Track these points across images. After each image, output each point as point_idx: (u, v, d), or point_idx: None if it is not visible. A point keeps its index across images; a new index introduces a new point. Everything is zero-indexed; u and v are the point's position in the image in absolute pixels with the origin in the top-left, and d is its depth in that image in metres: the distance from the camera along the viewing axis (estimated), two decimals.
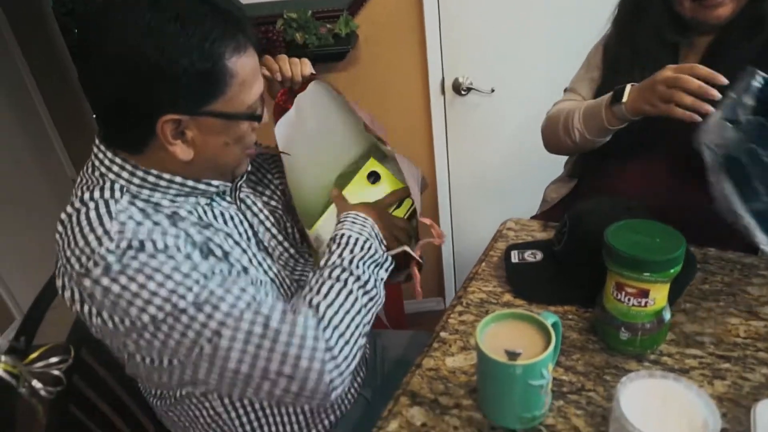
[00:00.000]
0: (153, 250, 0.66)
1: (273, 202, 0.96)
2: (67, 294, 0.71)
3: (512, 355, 0.61)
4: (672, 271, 0.68)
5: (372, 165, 0.97)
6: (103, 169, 0.74)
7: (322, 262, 0.80)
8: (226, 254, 0.76)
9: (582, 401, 0.70)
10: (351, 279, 0.77)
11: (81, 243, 0.67)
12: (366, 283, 0.78)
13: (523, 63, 1.79)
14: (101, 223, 0.67)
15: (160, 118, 0.67)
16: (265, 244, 0.89)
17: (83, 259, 0.66)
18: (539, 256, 0.94)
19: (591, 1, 1.10)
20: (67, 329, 0.94)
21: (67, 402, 0.89)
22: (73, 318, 0.96)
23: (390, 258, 0.85)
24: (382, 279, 0.82)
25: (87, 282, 0.67)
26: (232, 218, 0.83)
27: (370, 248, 0.82)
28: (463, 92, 1.82)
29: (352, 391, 0.98)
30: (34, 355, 0.80)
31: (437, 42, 1.75)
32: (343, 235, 0.82)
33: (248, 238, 0.84)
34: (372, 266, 0.81)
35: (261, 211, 0.91)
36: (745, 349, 0.74)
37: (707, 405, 0.55)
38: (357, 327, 0.75)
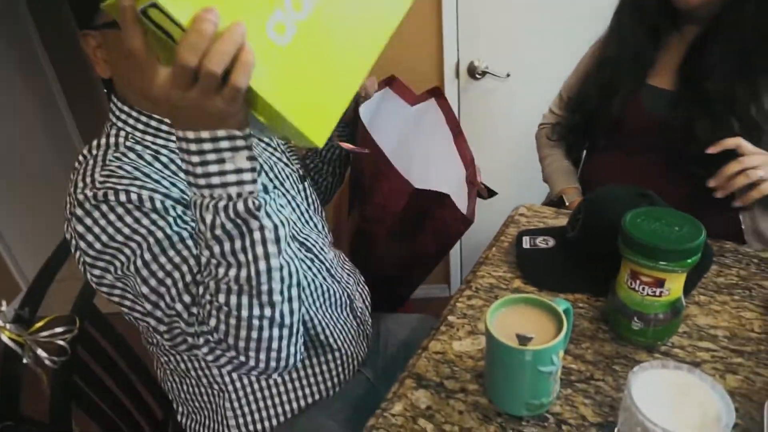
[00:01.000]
0: (125, 201, 0.68)
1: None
2: (68, 236, 0.74)
3: (523, 340, 0.60)
4: (689, 261, 0.66)
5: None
6: (113, 118, 0.78)
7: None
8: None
9: (590, 390, 0.69)
10: (232, 298, 0.64)
11: (71, 189, 0.71)
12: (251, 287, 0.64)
13: (539, 48, 1.75)
14: (92, 173, 0.71)
15: (79, 33, 0.72)
16: (276, 173, 0.90)
17: (69, 205, 0.70)
18: (551, 242, 0.92)
19: None
20: (71, 303, 0.94)
21: (71, 372, 0.89)
22: (78, 290, 0.97)
23: (256, 199, 0.60)
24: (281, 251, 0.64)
25: (69, 227, 0.71)
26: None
27: (226, 224, 0.60)
28: (478, 76, 1.79)
29: (350, 368, 0.96)
30: (39, 325, 0.81)
31: (454, 24, 1.72)
32: (200, 203, 0.61)
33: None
34: (247, 247, 0.62)
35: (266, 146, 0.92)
36: (759, 344, 0.73)
37: (722, 398, 0.54)
38: (260, 338, 0.67)
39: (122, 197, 0.68)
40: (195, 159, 0.57)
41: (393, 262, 1.23)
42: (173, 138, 0.78)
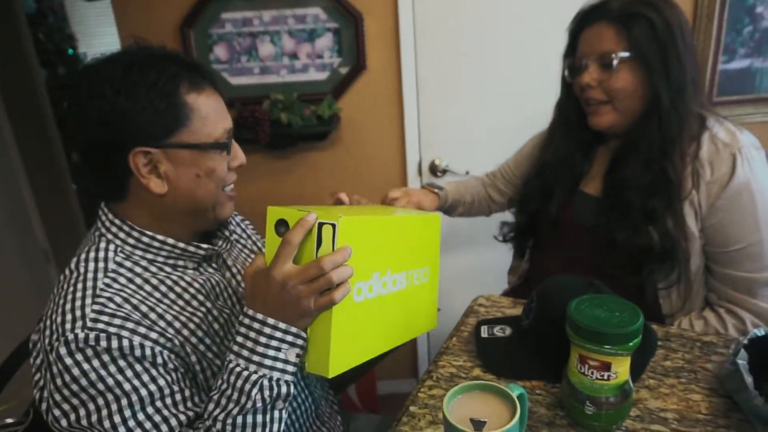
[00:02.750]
0: (115, 348, 0.69)
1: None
2: (34, 353, 0.75)
3: (478, 424, 0.61)
4: (631, 344, 0.71)
5: (276, 213, 0.72)
6: (103, 230, 0.81)
7: (206, 406, 0.73)
8: (195, 348, 0.78)
9: None
10: None
11: (59, 319, 0.71)
12: None
13: (495, 147, 1.88)
14: (83, 305, 0.71)
15: (130, 152, 0.74)
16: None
17: (53, 337, 0.70)
18: (508, 331, 0.96)
19: (553, 91, 1.21)
20: None
21: None
22: None
23: (289, 386, 0.72)
24: (280, 410, 0.73)
25: (47, 359, 0.70)
26: (215, 287, 0.86)
27: (254, 396, 0.69)
28: (439, 174, 1.90)
29: None
30: None
31: (415, 126, 1.86)
32: (229, 366, 0.71)
33: (232, 305, 0.87)
34: (262, 412, 0.71)
35: (241, 270, 0.94)
36: (706, 426, 0.76)
37: None
38: None
39: (113, 344, 0.69)
40: (262, 339, 0.70)
41: None
42: (163, 252, 0.81)
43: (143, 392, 0.70)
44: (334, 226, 0.69)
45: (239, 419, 0.70)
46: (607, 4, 1.05)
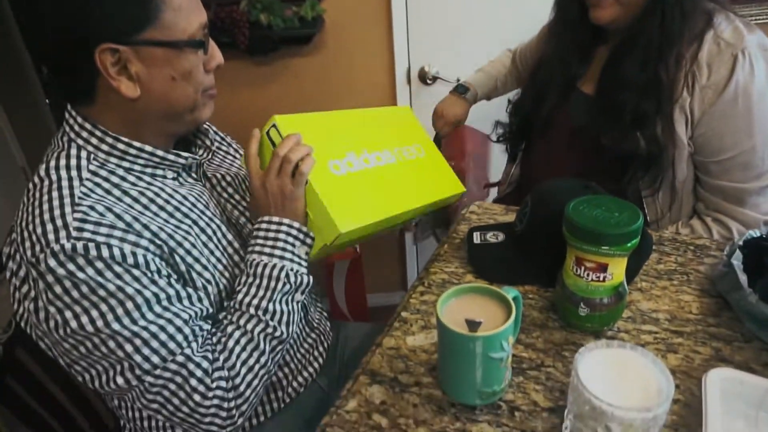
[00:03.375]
0: (107, 257, 0.66)
1: (239, 179, 0.93)
2: (12, 265, 0.71)
3: (473, 325, 0.60)
4: (629, 245, 0.69)
5: (271, 121, 0.85)
6: (72, 134, 0.74)
7: (235, 297, 0.78)
8: (183, 259, 0.75)
9: (541, 377, 0.70)
10: (258, 328, 0.76)
11: (39, 230, 0.66)
12: (275, 328, 0.77)
13: (488, 53, 1.79)
14: (62, 214, 0.66)
15: (96, 48, 0.66)
16: (234, 221, 0.87)
17: (36, 248, 0.65)
18: (501, 237, 0.94)
19: None
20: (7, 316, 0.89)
21: (4, 373, 0.84)
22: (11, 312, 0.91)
23: (308, 277, 0.82)
24: (297, 302, 0.81)
25: (34, 271, 0.66)
26: (199, 198, 0.82)
27: (279, 279, 0.78)
28: (429, 81, 1.82)
29: (305, 374, 0.96)
30: None
31: (404, 30, 1.74)
32: (254, 263, 0.79)
33: (219, 217, 0.84)
34: (283, 298, 0.79)
35: (228, 186, 0.90)
36: (697, 325, 0.76)
37: (662, 371, 0.56)
38: (257, 377, 0.77)
39: (104, 252, 0.65)
40: (281, 236, 0.80)
41: None
42: (140, 161, 0.76)
43: (147, 293, 0.68)
44: (275, 125, 0.83)
45: (270, 306, 0.77)
46: None
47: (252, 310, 0.76)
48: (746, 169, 0.99)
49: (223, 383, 0.73)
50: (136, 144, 0.75)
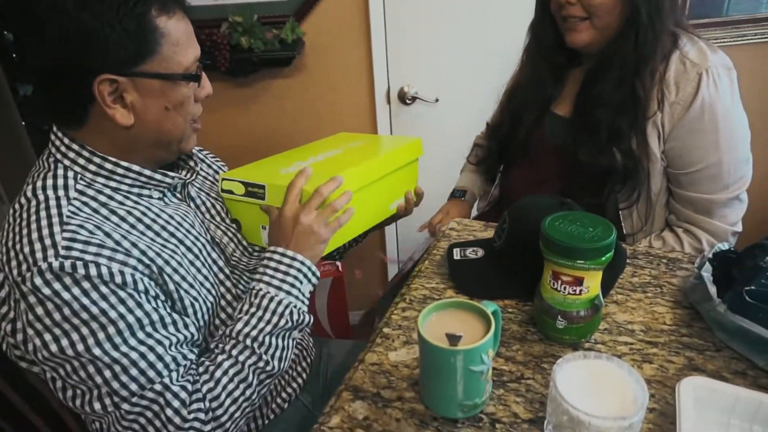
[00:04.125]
0: (95, 276, 0.66)
1: (221, 198, 0.95)
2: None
3: (453, 339, 0.61)
4: (603, 258, 0.71)
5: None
6: (58, 155, 0.75)
7: (232, 326, 0.77)
8: (170, 277, 0.75)
9: (521, 389, 0.71)
10: (251, 361, 0.76)
11: (26, 249, 0.66)
12: (268, 362, 0.77)
13: (465, 73, 1.84)
14: (51, 233, 0.67)
15: (95, 78, 0.68)
16: (217, 240, 0.88)
17: (23, 267, 0.65)
18: (480, 253, 0.95)
19: (527, 13, 1.17)
20: None
21: None
22: None
23: (309, 317, 0.82)
24: (293, 339, 0.82)
25: (17, 291, 0.66)
26: (185, 218, 0.83)
27: (283, 315, 0.78)
28: (408, 101, 1.85)
29: (288, 390, 0.96)
30: None
31: (383, 51, 1.78)
32: (260, 293, 0.79)
33: (204, 236, 0.85)
34: (282, 334, 0.79)
35: (211, 207, 0.91)
36: (670, 335, 0.78)
37: (637, 381, 0.57)
38: (240, 409, 0.76)
39: (92, 271, 0.65)
40: (291, 272, 0.81)
41: None
42: (127, 180, 0.76)
43: (130, 318, 0.67)
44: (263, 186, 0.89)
45: (267, 339, 0.76)
46: None
47: (248, 342, 0.76)
48: (714, 181, 1.04)
49: (201, 415, 0.72)
50: (124, 163, 0.76)
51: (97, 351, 0.65)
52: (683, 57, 1.02)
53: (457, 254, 0.96)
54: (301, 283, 0.81)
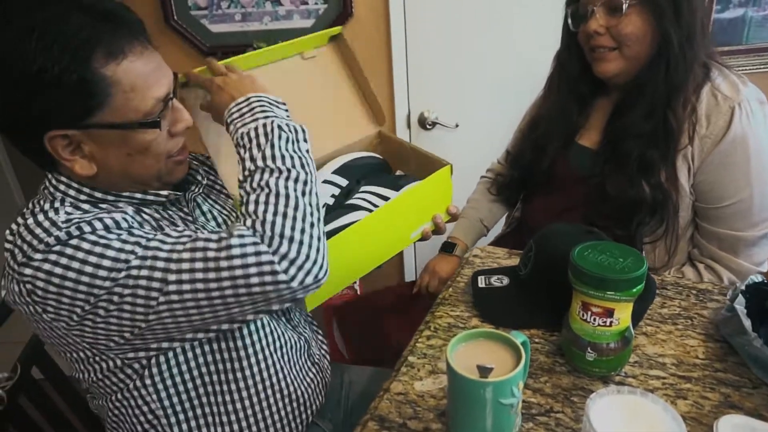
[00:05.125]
0: (98, 226, 0.66)
1: (234, 214, 0.94)
2: (9, 297, 0.70)
3: (484, 371, 0.60)
4: (635, 290, 0.70)
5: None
6: (51, 189, 0.74)
7: (239, 176, 0.74)
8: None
9: (551, 423, 0.70)
10: (272, 179, 0.70)
11: (28, 237, 0.66)
12: (290, 171, 0.71)
13: (486, 99, 1.85)
14: (47, 217, 0.67)
15: (44, 135, 0.66)
16: None
17: (29, 249, 0.65)
18: (506, 281, 0.95)
19: (549, 41, 1.17)
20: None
21: (6, 422, 0.82)
22: (28, 337, 0.91)
23: (302, 126, 0.77)
24: (306, 150, 0.75)
25: (28, 271, 0.65)
26: (187, 227, 0.81)
27: (273, 130, 0.73)
28: (428, 126, 1.86)
29: (306, 414, 0.93)
30: None
31: (404, 77, 1.80)
32: (241, 134, 0.74)
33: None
34: (287, 146, 0.73)
35: (217, 216, 0.90)
36: (704, 370, 0.76)
37: (674, 418, 0.56)
38: (302, 219, 0.68)
39: (97, 225, 0.66)
40: (254, 105, 0.76)
41: None
42: (121, 203, 0.75)
43: (150, 235, 0.68)
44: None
45: (278, 152, 0.71)
46: None
47: (260, 163, 0.71)
48: (743, 217, 1.01)
49: (244, 230, 0.66)
50: (112, 194, 0.74)
51: (134, 260, 0.65)
52: (715, 89, 1.00)
53: (481, 282, 0.95)
54: (270, 109, 0.76)
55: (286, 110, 0.79)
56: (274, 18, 1.81)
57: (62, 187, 0.73)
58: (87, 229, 0.65)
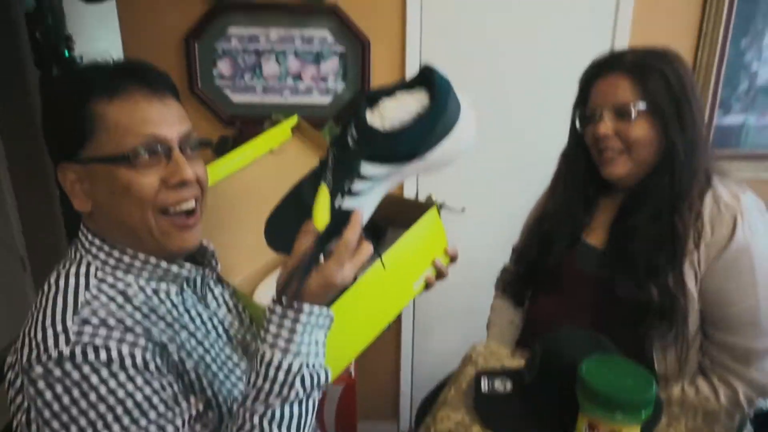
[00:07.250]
0: (104, 360, 0.65)
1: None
2: (10, 375, 0.69)
3: None
4: (643, 414, 0.68)
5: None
6: (83, 250, 0.76)
7: (243, 402, 0.69)
8: (182, 361, 0.73)
9: None
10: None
11: (39, 335, 0.65)
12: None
13: (493, 185, 1.89)
14: (63, 319, 0.66)
15: (57, 166, 0.73)
16: (231, 335, 0.86)
17: (33, 354, 0.65)
18: (509, 385, 0.92)
19: (555, 129, 1.21)
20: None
21: None
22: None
23: (325, 372, 0.70)
24: (313, 404, 0.71)
25: (26, 377, 0.65)
26: (200, 315, 0.82)
27: (297, 386, 0.67)
28: None
29: None
30: None
31: None
32: (264, 359, 0.68)
33: (217, 335, 0.83)
34: (297, 405, 0.68)
35: (228, 301, 0.89)
36: None
37: None
38: None
39: (102, 355, 0.65)
40: (298, 327, 0.67)
41: None
42: (145, 273, 0.76)
43: (139, 397, 0.65)
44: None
45: (278, 412, 0.67)
46: (621, 56, 1.06)
47: (255, 420, 0.67)
48: (750, 326, 1.00)
49: None
50: (141, 255, 0.75)
51: None
52: (716, 197, 1.02)
53: (484, 386, 0.93)
54: (310, 334, 0.68)
55: (329, 326, 0.71)
56: (294, 92, 1.88)
57: (94, 249, 0.75)
58: (91, 357, 0.64)
